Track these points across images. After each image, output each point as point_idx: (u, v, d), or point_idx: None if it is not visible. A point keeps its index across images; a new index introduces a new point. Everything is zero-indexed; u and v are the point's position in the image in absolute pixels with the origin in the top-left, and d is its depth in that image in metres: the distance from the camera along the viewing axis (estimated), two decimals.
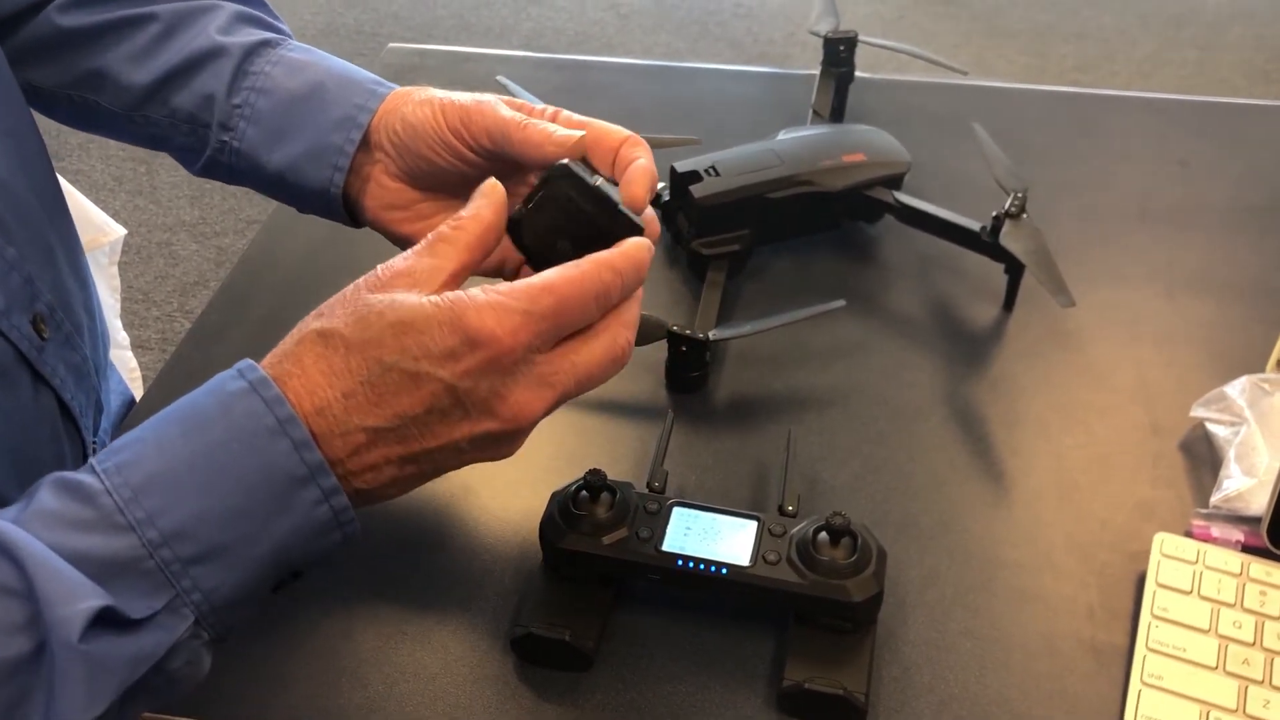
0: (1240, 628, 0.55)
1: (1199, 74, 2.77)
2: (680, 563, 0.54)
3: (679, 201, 0.77)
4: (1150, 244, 0.81)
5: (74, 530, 0.40)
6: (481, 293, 0.43)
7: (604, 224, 0.48)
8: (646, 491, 0.58)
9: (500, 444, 0.45)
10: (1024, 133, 0.93)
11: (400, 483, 0.45)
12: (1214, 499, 0.61)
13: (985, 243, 0.73)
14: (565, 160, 0.49)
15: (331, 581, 0.60)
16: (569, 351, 0.45)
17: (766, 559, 0.54)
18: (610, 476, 0.56)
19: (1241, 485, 0.60)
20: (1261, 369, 0.68)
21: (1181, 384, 0.69)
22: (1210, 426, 0.65)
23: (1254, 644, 0.54)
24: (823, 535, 0.53)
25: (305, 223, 0.87)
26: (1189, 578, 0.57)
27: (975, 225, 0.74)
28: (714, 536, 0.55)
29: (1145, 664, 0.54)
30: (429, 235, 0.46)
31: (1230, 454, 0.62)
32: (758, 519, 0.56)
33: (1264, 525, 0.57)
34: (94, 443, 0.67)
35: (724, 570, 0.53)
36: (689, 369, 0.69)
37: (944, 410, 0.69)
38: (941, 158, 0.88)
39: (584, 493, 0.56)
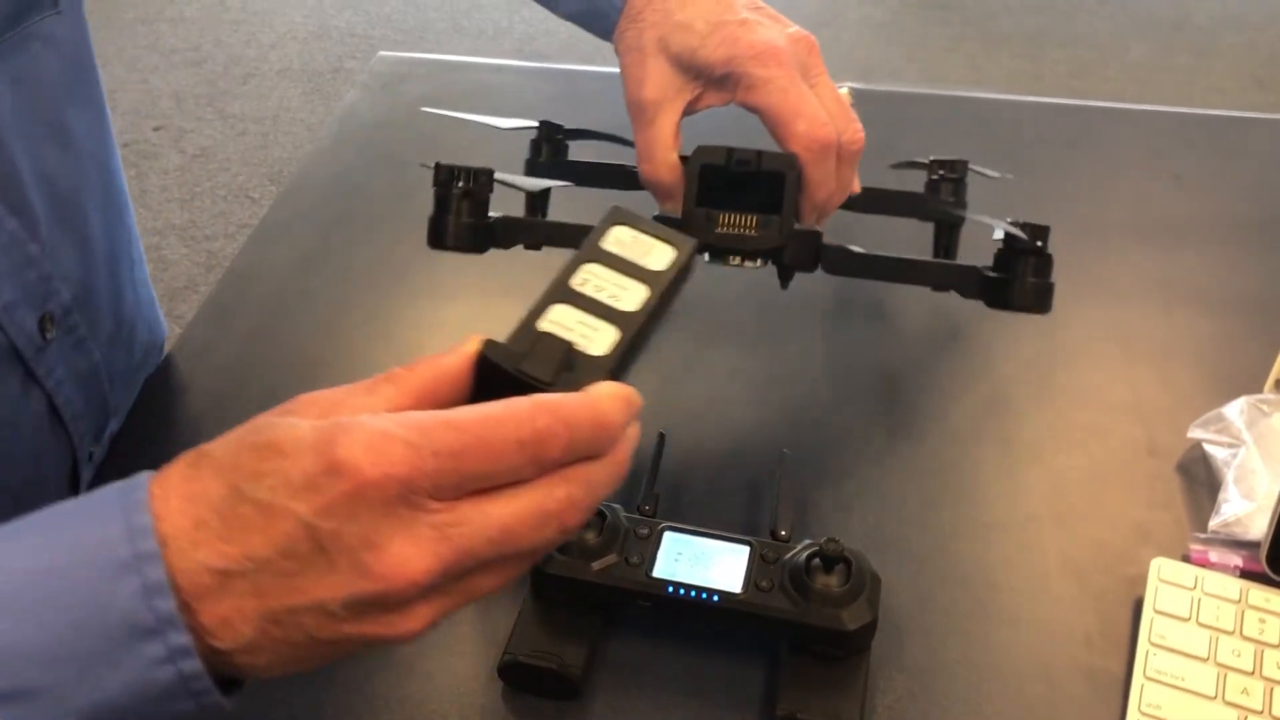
0: (1239, 656, 0.54)
1: (1192, 80, 2.77)
2: (671, 589, 0.53)
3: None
4: (1146, 259, 0.81)
5: None
6: (369, 418, 0.35)
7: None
8: (637, 515, 0.57)
9: (385, 613, 0.35)
10: (1017, 145, 0.92)
11: (269, 651, 0.35)
12: (1212, 523, 0.60)
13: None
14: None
15: None
16: (481, 501, 0.35)
17: (759, 585, 0.53)
18: None
19: (1240, 510, 0.59)
20: (1260, 389, 0.67)
21: (1179, 404, 0.69)
22: (1208, 448, 0.65)
23: (1253, 673, 0.53)
24: (816, 562, 0.53)
25: (296, 231, 0.86)
26: (1187, 604, 0.56)
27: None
28: (706, 562, 0.54)
29: (1143, 693, 0.53)
30: (379, 375, 0.39)
31: (1229, 477, 0.61)
32: (750, 544, 0.55)
33: (1263, 551, 0.57)
34: (91, 450, 0.66)
35: (715, 598, 0.53)
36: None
37: (938, 431, 0.68)
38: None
39: None
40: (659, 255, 0.44)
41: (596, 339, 0.41)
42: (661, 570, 0.54)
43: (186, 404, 0.73)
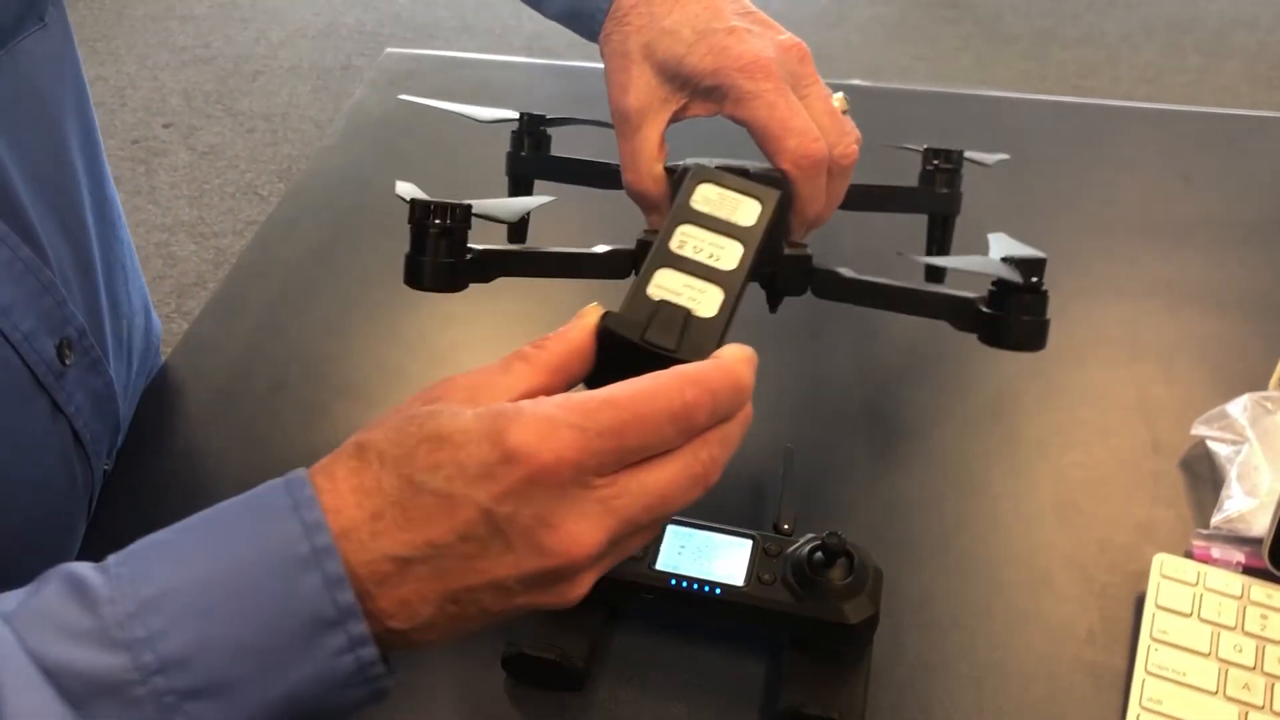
0: (1241, 652, 0.54)
1: (1201, 81, 2.77)
2: (674, 582, 0.53)
3: None
4: (1152, 258, 0.81)
5: (66, 638, 0.35)
6: (531, 404, 0.38)
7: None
8: None
9: (556, 584, 0.38)
10: (1024, 144, 0.92)
11: (441, 626, 0.38)
12: (1215, 520, 0.60)
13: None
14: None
15: None
16: (637, 471, 0.38)
17: (761, 579, 0.53)
18: None
19: (1243, 506, 0.59)
20: (1264, 386, 0.67)
21: (1183, 401, 0.69)
22: (1211, 445, 0.65)
23: (1255, 668, 0.53)
24: (818, 555, 0.53)
25: (304, 228, 0.86)
26: (1189, 600, 0.56)
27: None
28: (708, 555, 0.54)
29: (1145, 688, 0.53)
30: (510, 354, 0.42)
31: (1231, 473, 0.62)
32: (753, 538, 0.55)
33: (1265, 547, 0.57)
34: (105, 468, 0.66)
35: (718, 590, 0.53)
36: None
37: (942, 428, 0.68)
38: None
39: None
40: (746, 210, 0.46)
41: (704, 301, 0.43)
42: (664, 563, 0.54)
43: (192, 401, 0.73)
